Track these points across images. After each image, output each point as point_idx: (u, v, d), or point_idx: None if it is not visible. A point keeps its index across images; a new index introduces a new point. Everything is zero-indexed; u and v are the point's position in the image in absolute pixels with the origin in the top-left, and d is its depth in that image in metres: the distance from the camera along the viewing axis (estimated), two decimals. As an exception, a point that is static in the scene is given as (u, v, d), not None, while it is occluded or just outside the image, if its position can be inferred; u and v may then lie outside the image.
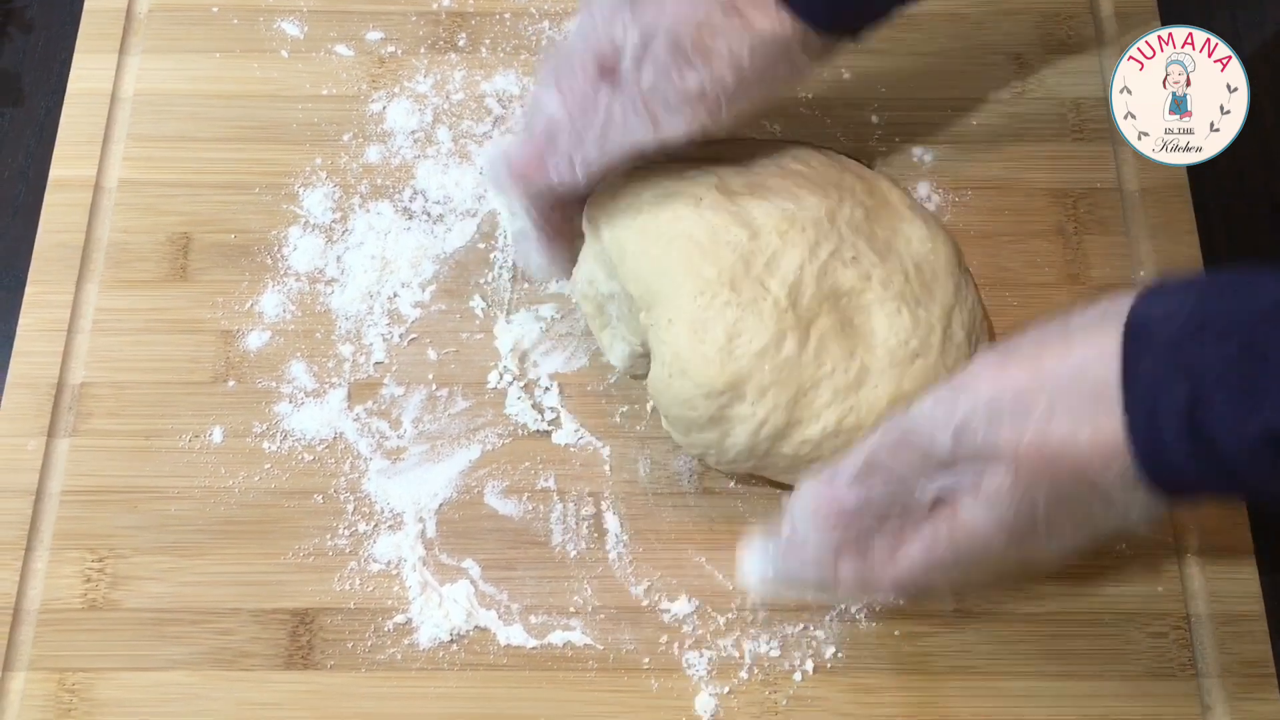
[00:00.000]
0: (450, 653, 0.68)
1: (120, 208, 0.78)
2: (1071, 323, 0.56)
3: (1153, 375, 0.52)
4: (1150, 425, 0.53)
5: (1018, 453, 0.55)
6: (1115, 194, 0.79)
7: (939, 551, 0.60)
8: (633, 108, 0.65)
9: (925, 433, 0.58)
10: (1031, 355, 0.56)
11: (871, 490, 0.60)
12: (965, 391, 0.57)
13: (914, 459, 0.58)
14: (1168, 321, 0.53)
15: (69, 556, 0.70)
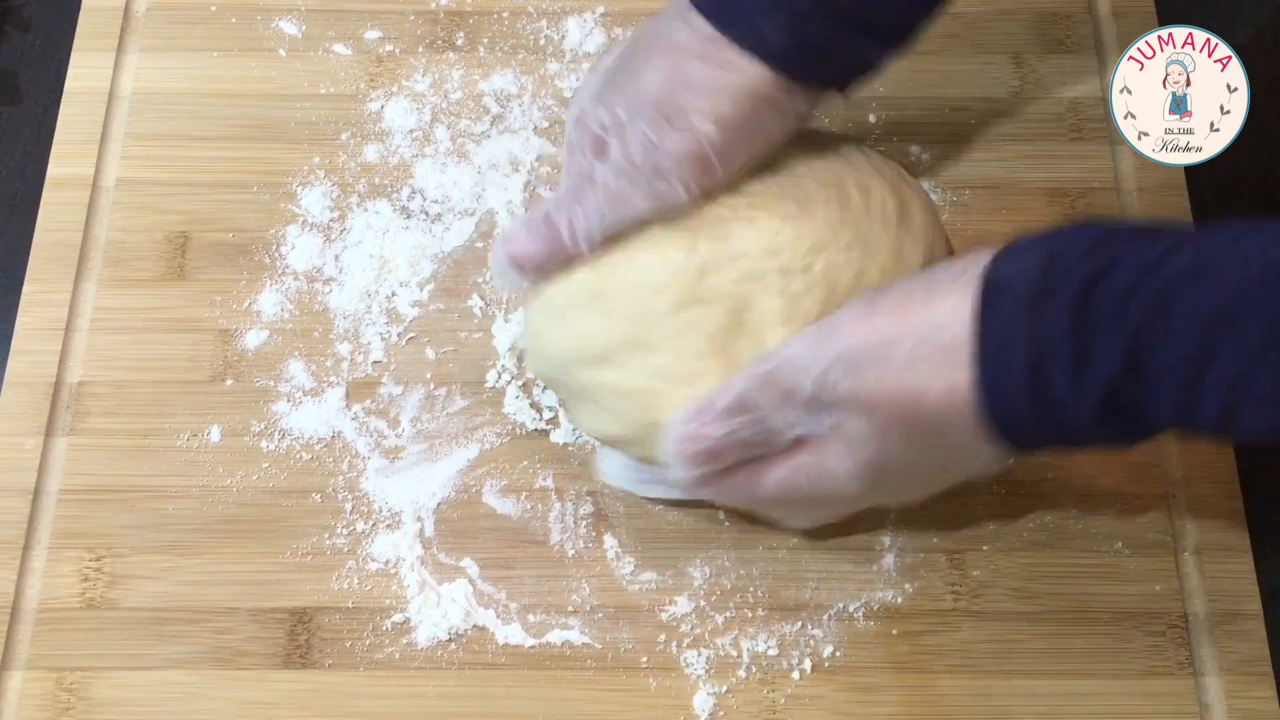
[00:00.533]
0: (448, 652, 0.68)
1: (118, 206, 0.78)
2: (936, 276, 0.58)
3: (1002, 332, 0.54)
4: (997, 380, 0.54)
5: (875, 401, 0.57)
6: (1113, 193, 0.79)
7: (796, 483, 0.62)
8: (627, 181, 0.64)
9: (790, 375, 0.59)
10: (895, 306, 0.58)
11: (737, 427, 0.61)
12: (830, 337, 0.59)
13: (779, 399, 0.60)
14: (1018, 280, 0.54)
15: (67, 555, 0.70)
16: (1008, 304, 0.54)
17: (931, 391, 0.56)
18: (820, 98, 0.66)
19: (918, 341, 0.56)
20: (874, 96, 0.82)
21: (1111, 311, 0.52)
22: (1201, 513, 0.71)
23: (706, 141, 0.63)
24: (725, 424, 0.61)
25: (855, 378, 0.57)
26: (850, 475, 0.60)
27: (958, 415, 0.56)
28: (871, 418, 0.58)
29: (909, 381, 0.56)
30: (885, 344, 0.57)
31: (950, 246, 0.69)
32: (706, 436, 0.61)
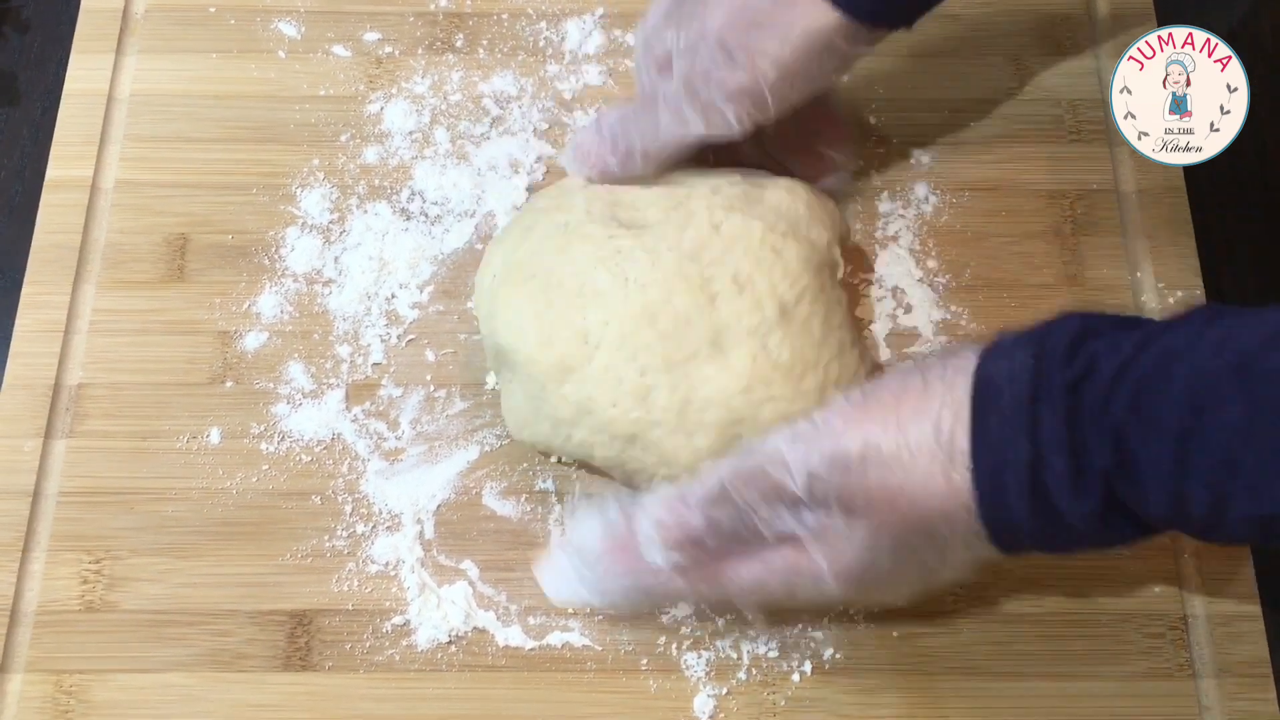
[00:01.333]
0: (449, 654, 0.68)
1: (117, 208, 0.78)
2: (930, 373, 0.57)
3: (998, 436, 0.54)
4: (995, 484, 0.54)
5: (868, 502, 0.57)
6: (1112, 195, 0.79)
7: (772, 581, 0.60)
8: (684, 104, 0.67)
9: (777, 473, 0.58)
10: (890, 405, 0.57)
11: (718, 517, 0.60)
12: (822, 436, 0.58)
13: (765, 493, 0.59)
14: (1012, 383, 0.54)
15: (66, 558, 0.69)
16: (1001, 408, 0.54)
17: (929, 494, 0.55)
18: (880, 39, 0.67)
19: (913, 444, 0.55)
20: (873, 98, 0.82)
21: (1096, 412, 0.52)
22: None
23: (764, 81, 0.64)
24: (704, 513, 0.60)
25: (847, 479, 0.56)
26: (836, 578, 0.59)
27: (955, 518, 0.55)
28: (864, 520, 0.57)
29: (906, 484, 0.55)
30: (879, 445, 0.56)
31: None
32: (682, 524, 0.60)
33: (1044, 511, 0.54)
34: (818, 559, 0.59)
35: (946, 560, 0.58)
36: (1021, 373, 0.54)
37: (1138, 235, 0.78)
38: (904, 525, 0.57)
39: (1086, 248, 0.78)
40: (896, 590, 0.62)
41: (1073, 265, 0.77)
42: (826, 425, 0.58)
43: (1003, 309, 0.76)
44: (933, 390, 0.56)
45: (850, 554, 0.58)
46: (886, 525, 0.57)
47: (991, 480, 0.54)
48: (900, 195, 0.79)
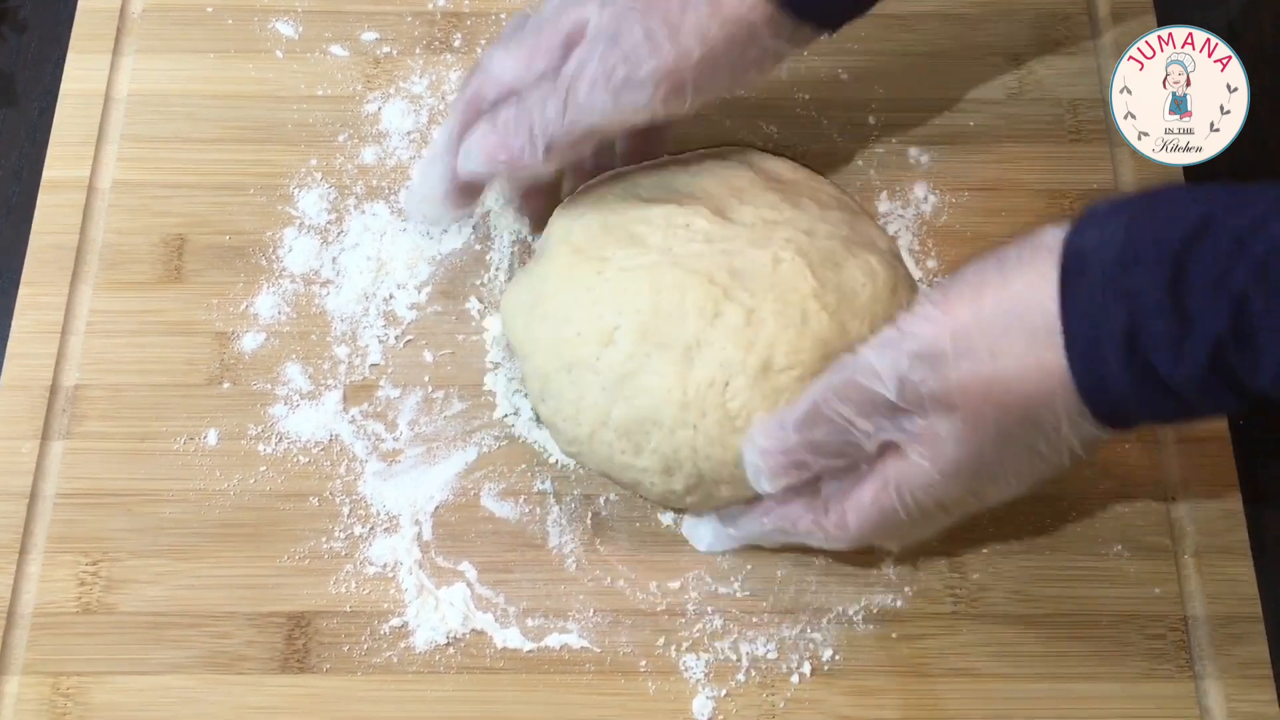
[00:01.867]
0: (447, 656, 0.68)
1: (114, 209, 0.78)
2: (1008, 257, 0.56)
3: (1091, 306, 0.53)
4: (1093, 356, 0.53)
5: (963, 395, 0.56)
6: (1112, 194, 0.79)
7: (889, 498, 0.60)
8: (595, 83, 0.63)
9: (867, 381, 0.58)
10: (971, 294, 0.56)
11: (818, 436, 0.60)
12: (908, 335, 0.57)
13: (859, 404, 0.58)
14: (1101, 250, 0.53)
15: (63, 560, 0.69)
16: (1093, 277, 0.52)
17: (1024, 377, 0.54)
18: (806, 41, 0.66)
19: (1000, 327, 0.54)
20: (873, 98, 0.82)
21: (1212, 276, 0.50)
22: (1201, 515, 0.71)
23: (687, 64, 0.62)
24: (801, 434, 0.60)
25: (938, 375, 0.56)
26: (942, 478, 0.58)
27: (1054, 398, 0.54)
28: (962, 413, 0.56)
29: (998, 370, 0.54)
30: (966, 334, 0.55)
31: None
32: (784, 449, 0.61)
33: (1145, 377, 0.52)
34: (927, 461, 0.58)
35: (1053, 445, 0.57)
36: (1114, 239, 0.52)
37: (1138, 235, 0.78)
38: (1003, 414, 0.55)
39: (1086, 248, 0.78)
40: (1009, 483, 0.60)
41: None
42: (909, 326, 0.57)
43: (1002, 309, 0.76)
44: (1014, 272, 0.55)
45: (954, 451, 0.57)
46: (985, 417, 0.56)
47: (1087, 352, 0.53)
48: (899, 195, 0.79)
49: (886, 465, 0.60)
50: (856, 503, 0.61)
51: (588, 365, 0.65)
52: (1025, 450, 0.57)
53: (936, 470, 0.58)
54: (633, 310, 0.65)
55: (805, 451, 0.61)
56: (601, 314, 0.65)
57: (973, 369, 0.55)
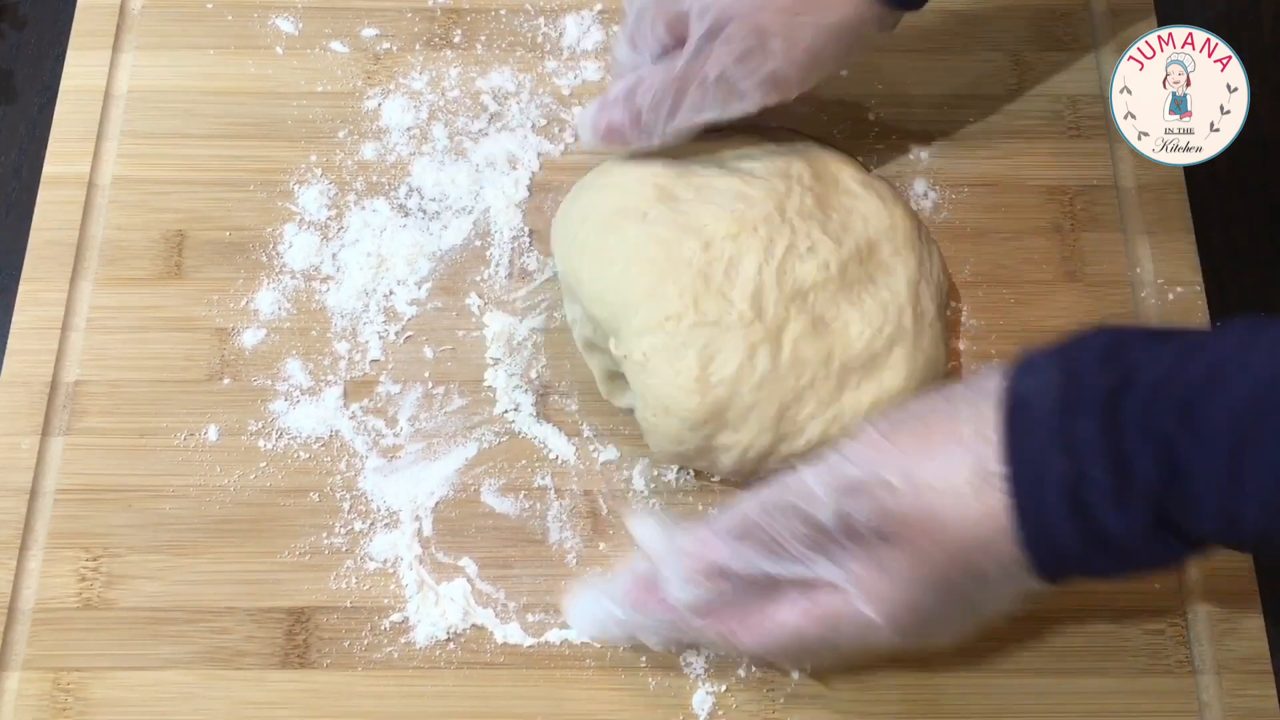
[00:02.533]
0: (447, 651, 0.68)
1: (114, 205, 0.78)
2: (956, 396, 0.56)
3: (1032, 452, 0.52)
4: (1036, 504, 0.52)
5: (903, 528, 0.55)
6: (1112, 191, 0.79)
7: (812, 629, 0.58)
8: (705, 88, 0.66)
9: (807, 500, 0.56)
10: (919, 428, 0.56)
11: (748, 550, 0.58)
12: (851, 463, 0.56)
13: (794, 525, 0.57)
14: (1040, 397, 0.53)
15: (64, 555, 0.69)
16: (1034, 424, 0.52)
17: (965, 518, 0.53)
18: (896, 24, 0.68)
19: (945, 465, 0.54)
20: (872, 94, 0.82)
21: (1139, 423, 0.50)
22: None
23: (796, 69, 0.64)
24: (729, 546, 0.58)
25: (880, 507, 0.55)
26: (875, 619, 0.56)
27: (994, 545, 0.53)
28: (901, 548, 0.55)
29: (942, 509, 0.54)
30: (909, 468, 0.54)
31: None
32: (706, 557, 0.59)
33: (1088, 529, 0.51)
34: (858, 603, 0.56)
35: (990, 593, 0.56)
36: (1051, 386, 0.53)
37: (1137, 231, 0.78)
38: (943, 555, 0.54)
39: (1086, 244, 0.78)
40: (943, 630, 0.59)
41: (1072, 261, 0.77)
42: (854, 455, 0.57)
43: (1002, 305, 0.76)
44: (960, 413, 0.55)
45: (890, 591, 0.56)
46: (924, 556, 0.55)
47: (1029, 499, 0.52)
48: (899, 191, 0.79)
49: (817, 595, 0.58)
50: (775, 623, 0.59)
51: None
52: (959, 598, 0.57)
53: (872, 610, 0.56)
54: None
55: (728, 561, 0.59)
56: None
57: (915, 504, 0.54)
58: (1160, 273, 0.77)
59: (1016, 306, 0.76)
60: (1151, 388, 0.51)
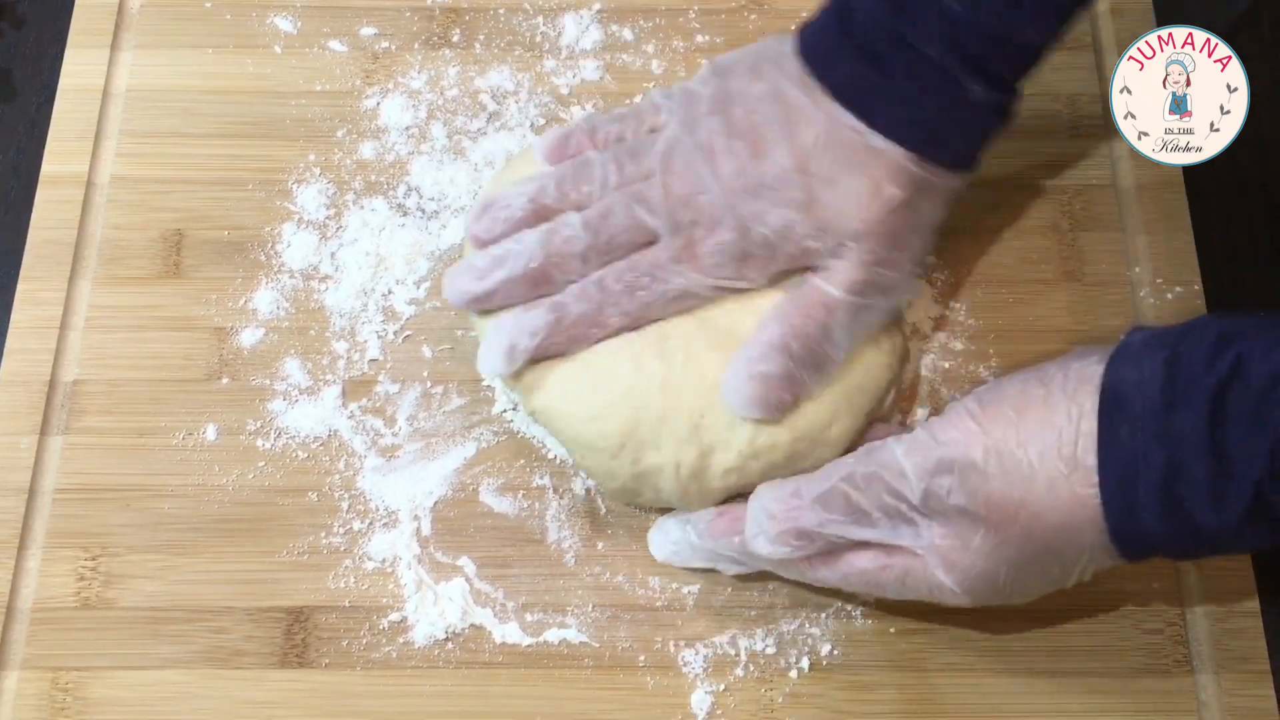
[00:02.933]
0: (446, 651, 0.68)
1: (113, 204, 0.78)
2: (1051, 380, 0.56)
3: (1129, 446, 0.53)
4: (1128, 498, 0.53)
5: (990, 512, 0.56)
6: (1110, 190, 0.79)
7: (885, 578, 0.60)
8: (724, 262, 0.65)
9: (894, 478, 0.58)
10: (1012, 413, 0.56)
11: (832, 516, 0.60)
12: (943, 444, 0.57)
13: (882, 498, 0.58)
14: (1141, 388, 0.53)
15: (62, 555, 0.69)
16: (1132, 417, 0.53)
17: (1055, 507, 0.54)
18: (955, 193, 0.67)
19: (1037, 454, 0.54)
20: (871, 93, 0.82)
21: (1249, 418, 0.50)
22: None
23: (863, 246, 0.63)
24: (817, 514, 0.60)
25: (968, 488, 0.56)
26: (952, 586, 0.59)
27: (1082, 531, 0.54)
28: (985, 530, 0.56)
29: (1031, 495, 0.54)
30: (1001, 453, 0.55)
31: None
32: (795, 519, 0.60)
33: (1180, 523, 0.52)
34: (935, 570, 0.58)
35: (1067, 571, 0.58)
36: (1153, 379, 0.53)
37: (1136, 231, 0.78)
38: (1026, 538, 0.55)
39: (1085, 243, 0.78)
40: (1010, 598, 0.60)
41: (1071, 261, 0.77)
42: (946, 435, 0.57)
43: (1000, 304, 0.76)
44: (1055, 400, 0.55)
45: (969, 564, 0.57)
46: (1009, 538, 0.56)
47: (1121, 493, 0.53)
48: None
49: (894, 555, 0.60)
50: (854, 568, 0.61)
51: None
52: (1038, 572, 0.58)
53: (944, 577, 0.58)
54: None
55: (814, 527, 0.60)
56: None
57: (1004, 489, 0.55)
58: (1159, 272, 0.77)
59: (1015, 306, 0.76)
60: (1265, 379, 0.50)
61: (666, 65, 0.83)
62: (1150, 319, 0.75)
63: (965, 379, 0.74)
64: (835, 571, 0.62)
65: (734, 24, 0.84)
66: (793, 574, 0.65)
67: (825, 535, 0.60)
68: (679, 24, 0.84)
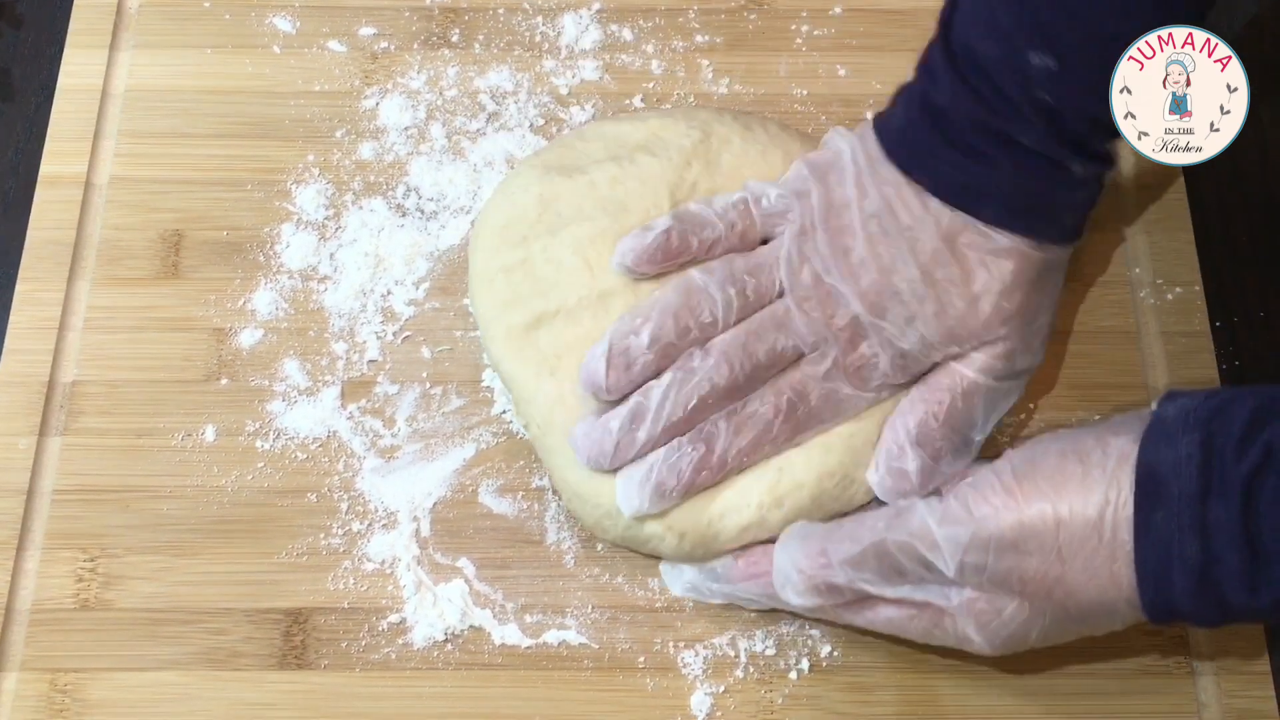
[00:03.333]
0: (445, 652, 0.68)
1: (111, 204, 0.78)
2: (1088, 455, 0.57)
3: (1164, 532, 0.54)
4: (1161, 580, 0.54)
5: (1024, 587, 0.57)
6: (1110, 190, 0.79)
7: (911, 627, 0.61)
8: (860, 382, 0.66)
9: (929, 548, 0.58)
10: (1049, 491, 0.56)
11: (862, 574, 0.60)
12: (978, 520, 0.57)
13: (914, 565, 0.59)
14: (1177, 472, 0.54)
15: (61, 556, 0.69)
16: (1169, 501, 0.53)
17: (1090, 585, 0.56)
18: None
19: (1073, 534, 0.55)
20: (870, 93, 0.82)
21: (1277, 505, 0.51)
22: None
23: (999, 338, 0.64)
24: (846, 574, 0.60)
25: (1004, 565, 0.57)
26: (981, 644, 0.60)
27: (1116, 605, 0.56)
28: (1019, 601, 0.57)
29: (1066, 574, 0.56)
30: (1036, 532, 0.56)
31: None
32: (824, 578, 0.61)
33: (1212, 603, 0.54)
34: (965, 627, 0.59)
35: (1097, 631, 0.60)
36: (1189, 464, 0.53)
37: (1136, 231, 0.78)
38: (1060, 610, 0.57)
39: (1084, 244, 0.77)
40: (1038, 647, 0.62)
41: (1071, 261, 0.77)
42: (980, 508, 0.58)
43: (1001, 305, 0.76)
44: (1092, 478, 0.56)
45: (999, 628, 0.59)
46: (1041, 611, 0.58)
47: (1156, 576, 0.54)
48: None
49: (922, 610, 0.61)
50: (880, 617, 0.62)
51: None
52: (1068, 634, 0.60)
53: (979, 638, 0.59)
54: None
55: (844, 584, 0.61)
56: None
57: (1040, 567, 0.56)
58: (1159, 273, 0.77)
59: (1015, 307, 0.76)
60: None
61: (666, 65, 0.83)
62: (1150, 320, 0.75)
63: (965, 380, 0.74)
64: (863, 618, 0.63)
65: (734, 24, 0.84)
66: (817, 615, 0.65)
67: (855, 590, 0.61)
68: (678, 24, 0.84)
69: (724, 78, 0.82)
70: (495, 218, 0.72)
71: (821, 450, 0.66)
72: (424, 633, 0.68)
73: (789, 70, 0.83)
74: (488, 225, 0.72)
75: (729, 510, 0.65)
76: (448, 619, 0.68)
